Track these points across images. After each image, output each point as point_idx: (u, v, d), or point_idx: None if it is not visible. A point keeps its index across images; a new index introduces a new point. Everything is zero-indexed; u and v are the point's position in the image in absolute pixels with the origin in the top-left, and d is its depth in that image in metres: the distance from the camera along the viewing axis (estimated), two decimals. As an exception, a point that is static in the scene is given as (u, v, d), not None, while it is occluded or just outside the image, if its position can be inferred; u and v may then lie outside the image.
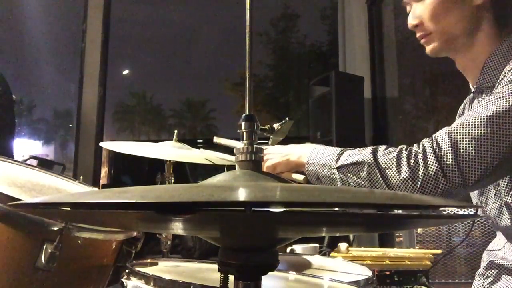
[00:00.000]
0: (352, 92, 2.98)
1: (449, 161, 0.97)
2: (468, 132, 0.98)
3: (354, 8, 3.59)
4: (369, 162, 1.04)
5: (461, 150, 0.97)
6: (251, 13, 0.61)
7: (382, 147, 1.07)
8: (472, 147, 0.97)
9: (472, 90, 1.19)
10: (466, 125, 0.99)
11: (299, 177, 1.24)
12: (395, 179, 1.01)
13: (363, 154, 1.06)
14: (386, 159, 1.03)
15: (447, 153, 0.98)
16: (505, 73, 1.05)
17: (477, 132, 0.97)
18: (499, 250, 1.22)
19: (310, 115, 3.22)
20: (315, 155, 1.13)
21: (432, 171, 0.98)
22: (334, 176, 1.08)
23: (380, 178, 1.02)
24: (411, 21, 1.21)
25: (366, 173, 1.04)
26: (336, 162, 1.08)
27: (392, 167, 1.01)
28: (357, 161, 1.05)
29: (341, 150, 1.10)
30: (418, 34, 1.21)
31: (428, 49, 1.20)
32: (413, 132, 3.15)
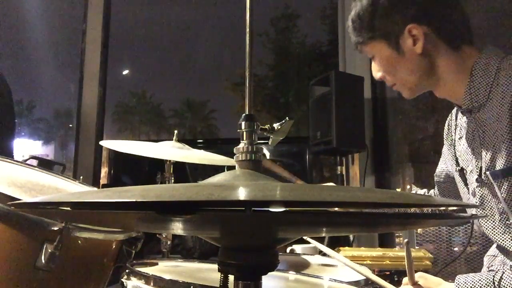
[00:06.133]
0: (352, 92, 2.97)
1: None
2: None
3: (354, 8, 3.58)
4: None
5: None
6: (251, 13, 0.61)
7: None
8: None
9: (460, 110, 1.19)
10: None
11: None
12: None
13: None
14: None
15: None
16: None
17: None
18: (497, 255, 1.22)
19: (310, 115, 3.21)
20: None
21: None
22: None
23: None
24: (375, 75, 1.26)
25: None
26: None
27: None
28: None
29: None
30: (388, 84, 1.24)
31: (403, 95, 1.24)
32: (413, 132, 3.14)
